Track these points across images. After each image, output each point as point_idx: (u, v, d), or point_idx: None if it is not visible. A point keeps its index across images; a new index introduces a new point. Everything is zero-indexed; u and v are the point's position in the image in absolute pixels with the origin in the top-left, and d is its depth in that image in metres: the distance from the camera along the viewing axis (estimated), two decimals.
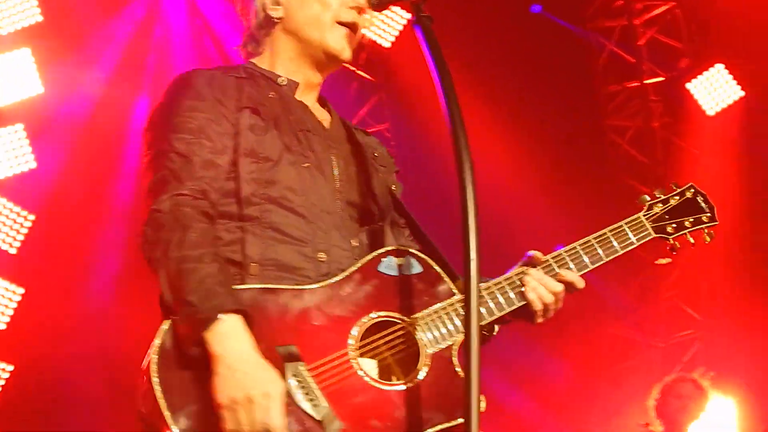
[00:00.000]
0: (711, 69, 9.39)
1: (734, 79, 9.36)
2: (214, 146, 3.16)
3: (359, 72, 9.54)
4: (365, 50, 9.34)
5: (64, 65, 8.90)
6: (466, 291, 2.61)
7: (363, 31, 4.46)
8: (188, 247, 3.02)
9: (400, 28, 9.21)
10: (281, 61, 3.49)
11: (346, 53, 3.38)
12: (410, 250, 3.36)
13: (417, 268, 3.31)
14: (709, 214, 3.64)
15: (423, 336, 3.16)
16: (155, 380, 2.93)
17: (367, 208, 3.45)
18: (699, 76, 9.45)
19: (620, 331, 10.13)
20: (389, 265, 3.34)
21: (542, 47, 9.77)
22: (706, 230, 3.65)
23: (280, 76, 3.41)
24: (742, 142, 9.52)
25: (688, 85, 9.48)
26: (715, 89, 9.48)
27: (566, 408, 9.60)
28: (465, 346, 2.60)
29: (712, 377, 8.65)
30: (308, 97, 3.42)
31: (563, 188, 9.47)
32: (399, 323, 3.17)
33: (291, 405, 2.95)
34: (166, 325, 2.99)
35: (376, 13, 8.81)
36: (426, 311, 3.18)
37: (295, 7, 3.46)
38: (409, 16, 8.40)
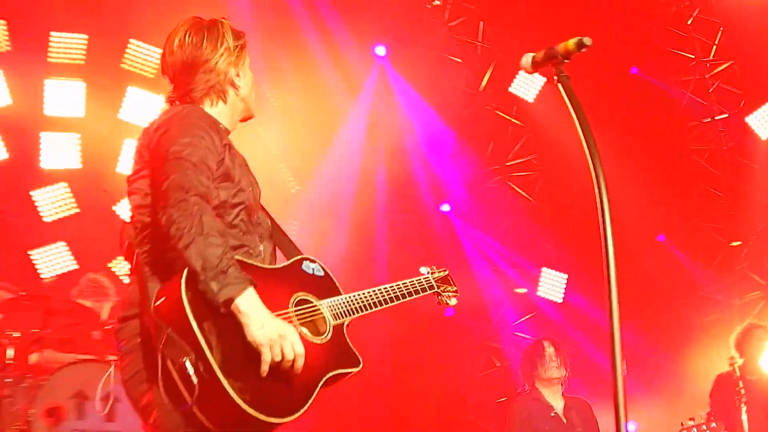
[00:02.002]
0: (763, 107, 10.65)
1: None
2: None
3: (513, 119, 11.31)
4: (516, 104, 11.12)
5: None
6: (609, 295, 3.09)
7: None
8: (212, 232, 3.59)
9: (540, 87, 10.81)
10: (230, 114, 4.10)
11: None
12: (318, 261, 4.20)
13: (320, 273, 4.15)
14: (454, 288, 4.82)
15: (327, 313, 3.98)
16: (195, 323, 3.54)
17: (265, 216, 4.21)
18: (754, 112, 10.68)
19: (707, 293, 11.29)
20: (308, 267, 4.17)
21: (642, 98, 11.14)
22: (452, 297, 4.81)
23: (221, 124, 3.98)
24: None
25: (747, 119, 10.76)
26: (766, 121, 10.71)
27: (669, 348, 10.83)
28: (611, 338, 3.12)
29: None
30: None
31: (660, 195, 10.85)
32: (313, 302, 3.97)
33: None
34: (183, 281, 3.56)
35: (527, 75, 8.55)
36: (327, 300, 4.00)
37: (246, 84, 4.10)
38: (543, 79, 10.50)
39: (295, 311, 3.86)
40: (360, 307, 4.11)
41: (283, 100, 10.79)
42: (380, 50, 10.96)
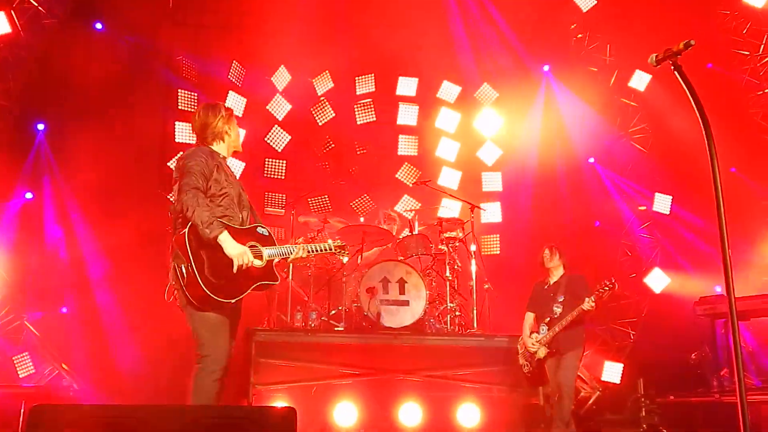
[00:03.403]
0: None
1: None
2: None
3: (631, 103, 10.75)
4: (633, 93, 10.54)
5: None
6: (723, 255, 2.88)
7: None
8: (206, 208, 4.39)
9: (647, 82, 10.24)
10: (226, 149, 4.76)
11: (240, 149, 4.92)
12: (264, 226, 4.70)
13: (265, 233, 4.66)
14: (346, 252, 5.07)
15: (265, 253, 4.55)
16: (189, 250, 4.27)
17: (247, 202, 4.76)
18: None
19: (764, 203, 10.28)
20: (260, 230, 4.67)
21: (717, 82, 10.16)
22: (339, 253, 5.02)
23: (219, 153, 4.67)
24: None
25: None
26: None
27: (741, 238, 9.40)
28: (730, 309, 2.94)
29: None
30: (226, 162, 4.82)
31: (731, 141, 8.79)
32: (258, 247, 4.54)
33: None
34: (187, 229, 4.29)
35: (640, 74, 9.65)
36: (267, 247, 4.57)
37: (233, 133, 4.76)
38: (650, 76, 10.12)
39: (249, 247, 4.48)
40: (282, 254, 4.66)
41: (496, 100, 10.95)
42: (546, 67, 11.09)
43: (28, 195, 9.26)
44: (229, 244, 4.30)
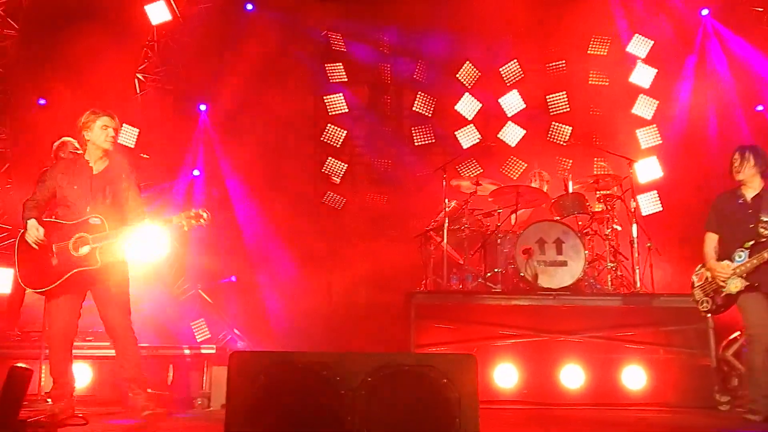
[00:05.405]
0: None
1: None
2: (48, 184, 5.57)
3: None
4: None
5: None
6: None
7: None
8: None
9: None
10: (88, 152, 5.60)
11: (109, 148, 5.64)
12: (98, 216, 5.40)
13: (98, 221, 5.42)
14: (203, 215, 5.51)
15: (90, 241, 5.37)
16: (16, 250, 5.45)
17: (102, 195, 5.51)
18: None
19: None
20: (92, 220, 5.40)
21: None
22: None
23: (86, 158, 5.60)
24: None
25: None
26: None
27: None
28: None
29: None
30: (93, 163, 5.59)
31: None
32: (85, 236, 5.35)
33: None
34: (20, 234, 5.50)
35: None
36: (93, 236, 5.34)
37: (95, 134, 5.55)
38: None
39: (75, 239, 5.31)
40: (107, 236, 5.31)
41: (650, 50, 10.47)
42: (704, 11, 10.50)
43: (196, 172, 10.02)
44: (28, 230, 5.34)
